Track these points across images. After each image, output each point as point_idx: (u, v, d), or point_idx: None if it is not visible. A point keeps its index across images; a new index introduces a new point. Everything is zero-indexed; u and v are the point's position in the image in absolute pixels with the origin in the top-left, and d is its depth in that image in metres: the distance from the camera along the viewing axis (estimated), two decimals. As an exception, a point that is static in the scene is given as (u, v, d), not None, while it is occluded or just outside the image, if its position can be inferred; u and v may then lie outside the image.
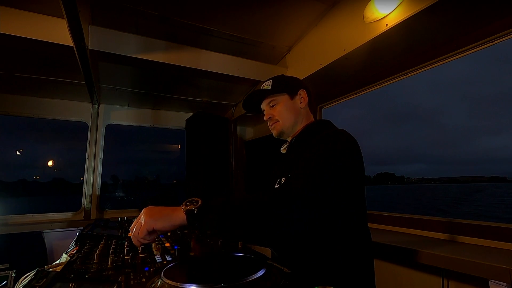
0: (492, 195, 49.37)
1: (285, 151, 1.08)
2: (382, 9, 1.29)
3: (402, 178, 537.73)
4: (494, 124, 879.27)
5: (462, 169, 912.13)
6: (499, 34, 1.25)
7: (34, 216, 2.35)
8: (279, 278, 0.65)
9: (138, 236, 0.71)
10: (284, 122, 1.05)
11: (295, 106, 1.06)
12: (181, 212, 0.71)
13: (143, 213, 0.73)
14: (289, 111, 1.05)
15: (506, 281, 0.92)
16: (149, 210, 0.73)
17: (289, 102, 1.05)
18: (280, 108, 1.05)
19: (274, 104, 1.06)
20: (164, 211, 0.72)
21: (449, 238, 1.38)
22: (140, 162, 6.38)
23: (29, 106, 2.42)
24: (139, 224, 0.71)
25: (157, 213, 0.72)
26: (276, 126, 1.06)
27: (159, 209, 0.73)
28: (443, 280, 1.21)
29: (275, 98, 1.05)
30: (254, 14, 1.68)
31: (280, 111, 1.05)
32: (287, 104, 1.05)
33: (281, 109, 1.05)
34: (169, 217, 0.71)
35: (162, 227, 0.70)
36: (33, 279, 0.67)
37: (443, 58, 1.48)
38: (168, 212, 0.72)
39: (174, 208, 0.73)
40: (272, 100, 1.06)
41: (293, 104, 1.06)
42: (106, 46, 1.59)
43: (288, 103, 1.05)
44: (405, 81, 9.35)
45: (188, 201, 0.73)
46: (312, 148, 0.86)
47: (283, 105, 1.05)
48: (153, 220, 0.70)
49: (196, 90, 2.53)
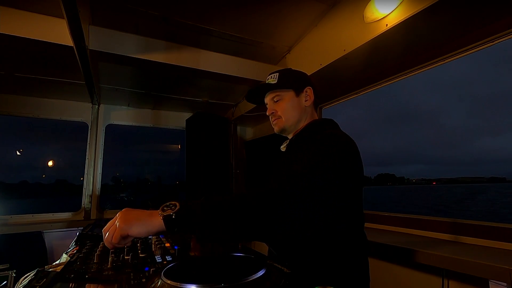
0: (499, 194, 48.86)
1: (284, 149, 1.06)
2: (382, 9, 1.29)
3: (402, 179, 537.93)
4: (493, 124, 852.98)
5: (461, 169, 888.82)
6: (499, 34, 1.25)
7: (34, 216, 2.35)
8: (279, 278, 0.65)
9: (111, 241, 0.66)
10: (287, 120, 1.01)
11: (300, 104, 1.02)
12: (158, 217, 0.66)
13: (119, 216, 0.68)
14: (293, 109, 1.01)
15: (506, 281, 0.92)
16: (125, 214, 0.68)
17: (294, 99, 1.02)
18: (284, 105, 1.01)
19: (278, 99, 1.02)
20: (141, 216, 0.67)
21: (450, 238, 1.38)
22: (140, 163, 6.38)
23: (29, 106, 2.42)
24: (114, 228, 0.66)
25: (133, 218, 0.67)
26: (278, 123, 1.03)
27: (136, 213, 0.68)
28: (443, 280, 1.21)
29: (280, 94, 1.02)
30: (254, 14, 1.68)
31: (284, 107, 1.01)
32: (292, 101, 1.01)
33: (285, 106, 1.01)
34: (145, 223, 0.66)
35: (138, 234, 0.66)
36: (33, 279, 0.67)
37: (443, 58, 1.48)
38: (145, 217, 0.67)
39: (151, 212, 0.68)
40: (277, 95, 1.02)
41: (298, 101, 1.02)
42: (106, 46, 1.60)
43: (293, 100, 1.01)
44: (404, 81, 9.38)
45: (165, 206, 0.68)
46: (306, 147, 0.85)
47: (288, 102, 1.01)
48: (128, 226, 0.65)
49: (196, 90, 2.53)
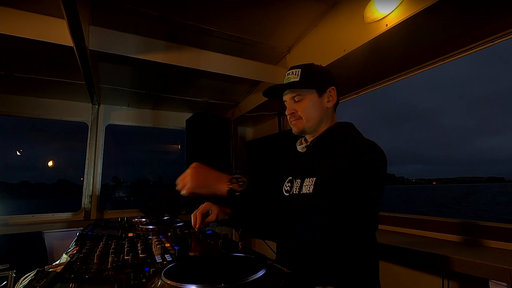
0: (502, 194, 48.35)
1: (303, 150, 1.01)
2: (382, 9, 1.29)
3: (402, 179, 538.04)
4: (492, 124, 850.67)
5: (460, 169, 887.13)
6: (499, 34, 1.25)
7: (34, 216, 2.35)
8: (279, 278, 0.65)
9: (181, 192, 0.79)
10: (308, 121, 0.96)
11: (322, 105, 0.97)
12: (224, 186, 0.76)
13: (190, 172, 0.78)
14: (314, 109, 0.96)
15: (506, 281, 0.92)
16: (197, 173, 0.78)
17: (316, 99, 0.96)
18: (305, 105, 0.95)
19: (299, 99, 0.96)
20: (210, 179, 0.78)
21: (450, 238, 1.38)
22: (141, 163, 6.41)
23: (29, 106, 2.42)
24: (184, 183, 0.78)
25: (203, 180, 0.77)
26: (298, 124, 0.98)
27: (205, 174, 0.78)
28: (443, 280, 1.21)
29: (302, 93, 0.96)
30: (254, 14, 1.68)
31: (305, 108, 0.95)
32: (314, 101, 0.96)
33: (306, 106, 0.95)
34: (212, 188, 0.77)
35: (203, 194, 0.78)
36: (33, 279, 0.67)
37: (443, 58, 1.48)
38: (213, 182, 0.77)
39: (219, 177, 0.78)
40: (298, 94, 0.96)
41: (320, 102, 0.96)
42: (106, 46, 1.59)
43: (315, 100, 0.96)
44: (403, 81, 9.40)
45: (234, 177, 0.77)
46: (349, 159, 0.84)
47: (309, 102, 0.95)
48: (197, 187, 0.77)
49: (196, 90, 2.53)
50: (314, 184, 0.88)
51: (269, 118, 2.81)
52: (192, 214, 1.08)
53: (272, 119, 2.77)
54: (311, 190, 0.87)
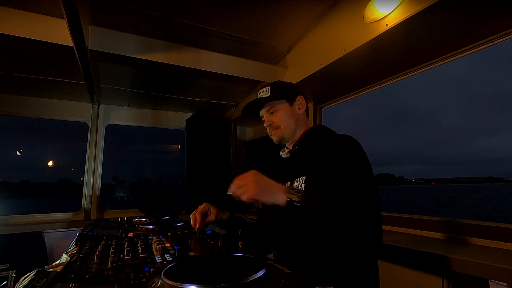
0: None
1: (287, 156, 1.09)
2: (382, 9, 1.29)
3: (401, 179, 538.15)
4: (491, 124, 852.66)
5: (459, 169, 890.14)
6: (499, 34, 1.25)
7: (34, 216, 2.35)
8: (279, 278, 0.65)
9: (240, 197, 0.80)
10: (285, 129, 1.06)
11: (294, 112, 1.07)
12: (283, 196, 0.78)
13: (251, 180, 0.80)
14: (289, 117, 1.06)
15: (506, 281, 0.92)
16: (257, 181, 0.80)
17: (288, 108, 1.07)
18: (280, 115, 1.06)
19: (273, 111, 1.07)
20: (269, 187, 0.80)
21: (450, 238, 1.38)
22: (141, 163, 6.40)
23: (29, 106, 2.42)
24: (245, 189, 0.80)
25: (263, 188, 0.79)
26: (277, 133, 1.07)
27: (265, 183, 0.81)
28: (443, 280, 1.21)
29: (275, 105, 1.06)
30: (254, 14, 1.68)
31: (280, 117, 1.05)
32: (287, 110, 1.06)
33: (281, 116, 1.05)
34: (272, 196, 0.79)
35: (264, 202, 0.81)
36: (33, 279, 0.67)
37: (443, 58, 1.48)
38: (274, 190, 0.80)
39: (278, 186, 0.81)
40: (272, 107, 1.06)
41: (292, 110, 1.07)
42: (106, 46, 1.59)
43: (288, 109, 1.06)
44: (402, 80, 9.34)
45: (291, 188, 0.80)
46: (327, 155, 0.90)
47: (283, 112, 1.06)
48: (258, 194, 0.79)
49: (196, 90, 2.53)
50: (305, 181, 0.94)
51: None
52: (191, 215, 1.10)
53: (272, 119, 2.77)
54: (302, 187, 0.93)
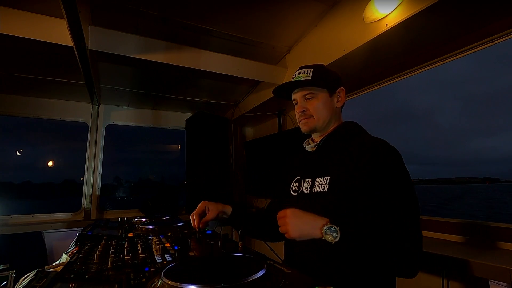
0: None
1: (312, 150, 1.01)
2: (382, 9, 1.29)
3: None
4: (487, 124, 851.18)
5: (456, 170, 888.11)
6: (499, 34, 1.25)
7: (34, 216, 2.36)
8: (279, 278, 0.65)
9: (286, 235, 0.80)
10: (318, 120, 0.97)
11: (332, 105, 0.98)
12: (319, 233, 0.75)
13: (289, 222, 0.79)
14: (326, 109, 0.97)
15: (506, 281, 0.92)
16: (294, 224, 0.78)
17: (327, 99, 0.97)
18: (316, 104, 0.96)
19: (311, 97, 0.97)
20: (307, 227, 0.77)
21: (450, 238, 1.38)
22: (141, 164, 6.42)
23: (29, 106, 2.42)
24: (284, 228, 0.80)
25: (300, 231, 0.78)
26: (309, 122, 0.98)
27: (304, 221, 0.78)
28: (443, 280, 1.21)
29: (314, 92, 0.96)
30: (254, 14, 1.68)
31: (317, 107, 0.96)
32: (325, 101, 0.97)
33: (318, 105, 0.96)
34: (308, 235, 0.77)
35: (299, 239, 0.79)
36: (33, 279, 0.67)
37: (443, 58, 1.48)
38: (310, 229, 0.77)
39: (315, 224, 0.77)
40: (310, 93, 0.96)
41: (330, 102, 0.98)
42: (106, 46, 1.59)
43: (327, 100, 0.97)
44: (401, 80, 9.28)
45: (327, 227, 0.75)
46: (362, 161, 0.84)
47: (321, 101, 0.96)
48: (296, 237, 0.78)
49: (196, 90, 2.54)
50: (329, 183, 0.87)
51: (269, 118, 2.81)
52: (191, 215, 1.09)
53: (272, 119, 2.77)
54: (326, 189, 0.87)
